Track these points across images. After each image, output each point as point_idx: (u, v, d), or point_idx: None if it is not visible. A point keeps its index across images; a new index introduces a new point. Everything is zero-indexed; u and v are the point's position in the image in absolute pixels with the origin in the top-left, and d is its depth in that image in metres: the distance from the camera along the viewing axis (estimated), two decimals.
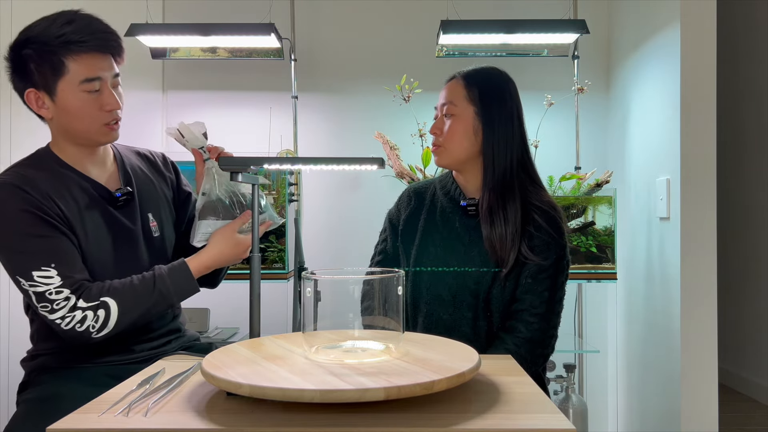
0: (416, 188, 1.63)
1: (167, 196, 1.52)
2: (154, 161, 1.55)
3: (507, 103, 1.49)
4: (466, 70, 1.52)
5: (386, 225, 1.64)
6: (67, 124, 1.33)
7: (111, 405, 0.89)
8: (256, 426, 0.81)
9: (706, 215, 1.92)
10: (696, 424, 1.91)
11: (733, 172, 3.55)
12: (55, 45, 1.26)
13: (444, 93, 1.52)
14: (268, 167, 1.17)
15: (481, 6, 2.54)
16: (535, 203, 1.47)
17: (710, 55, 1.93)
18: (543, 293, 1.44)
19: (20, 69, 1.30)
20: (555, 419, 0.83)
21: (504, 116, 1.48)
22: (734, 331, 3.50)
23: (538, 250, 1.44)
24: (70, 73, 1.28)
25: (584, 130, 2.47)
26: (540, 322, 1.43)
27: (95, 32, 1.29)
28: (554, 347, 1.48)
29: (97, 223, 1.35)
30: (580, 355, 2.35)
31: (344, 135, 2.61)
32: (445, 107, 1.50)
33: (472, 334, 1.47)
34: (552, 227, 1.45)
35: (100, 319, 1.24)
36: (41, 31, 1.28)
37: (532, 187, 1.50)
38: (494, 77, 1.52)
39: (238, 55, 2.46)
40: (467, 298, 1.47)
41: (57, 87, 1.29)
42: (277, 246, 2.14)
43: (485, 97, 1.48)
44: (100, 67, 1.30)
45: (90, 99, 1.30)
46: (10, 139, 2.46)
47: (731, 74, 3.55)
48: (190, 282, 1.35)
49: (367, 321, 1.05)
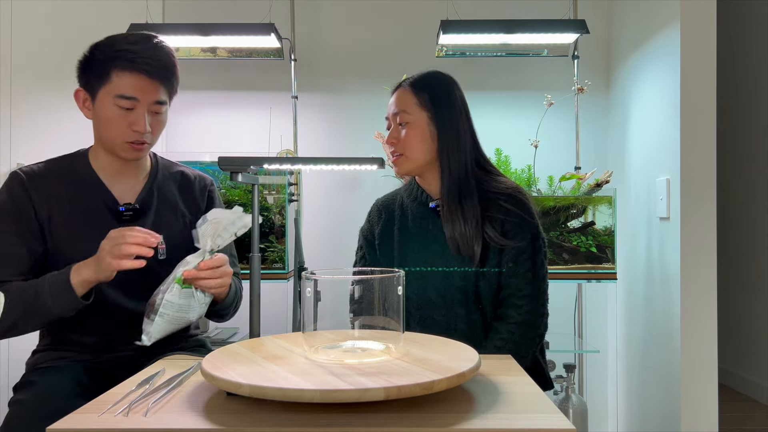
0: (383, 201, 1.67)
1: (187, 223, 1.51)
2: (192, 186, 1.54)
3: (456, 104, 1.53)
4: (414, 78, 1.55)
5: (362, 242, 1.66)
6: (99, 129, 1.40)
7: (111, 405, 0.89)
8: (256, 426, 0.81)
9: (706, 215, 1.92)
10: (696, 424, 1.91)
11: (733, 172, 3.55)
12: (111, 56, 1.34)
13: (393, 102, 1.55)
14: (268, 167, 1.17)
15: (481, 6, 2.54)
16: (497, 191, 1.50)
17: (710, 55, 1.93)
18: (526, 274, 1.46)
19: (83, 67, 1.39)
20: (555, 419, 0.83)
21: (455, 117, 1.51)
22: (734, 331, 3.50)
23: (512, 234, 1.47)
24: (111, 84, 1.34)
25: (584, 130, 2.47)
26: (529, 304, 1.45)
27: (151, 57, 1.35)
28: (547, 325, 1.50)
29: (93, 233, 1.35)
30: (580, 355, 2.35)
31: (344, 135, 2.61)
32: (398, 116, 1.53)
33: (468, 329, 1.48)
34: (520, 209, 1.48)
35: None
36: (112, 42, 1.36)
37: (487, 177, 1.53)
38: (441, 80, 1.55)
39: (238, 55, 2.46)
40: (456, 296, 1.49)
41: (98, 93, 1.36)
42: (277, 246, 2.14)
43: (436, 101, 1.51)
44: (140, 88, 1.35)
45: (121, 113, 1.36)
46: (10, 140, 2.46)
47: (731, 74, 3.55)
48: (66, 287, 1.25)
49: (365, 321, 1.05)
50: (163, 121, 1.42)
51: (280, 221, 2.14)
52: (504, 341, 1.42)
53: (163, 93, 1.39)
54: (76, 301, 1.26)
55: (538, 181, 2.20)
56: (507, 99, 2.60)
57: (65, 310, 1.27)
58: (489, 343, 1.44)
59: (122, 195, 1.43)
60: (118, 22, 2.29)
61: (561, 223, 2.11)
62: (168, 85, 1.39)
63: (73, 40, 2.50)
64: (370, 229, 1.65)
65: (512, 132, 2.52)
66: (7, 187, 1.38)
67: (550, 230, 2.10)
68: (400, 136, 1.52)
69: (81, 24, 2.50)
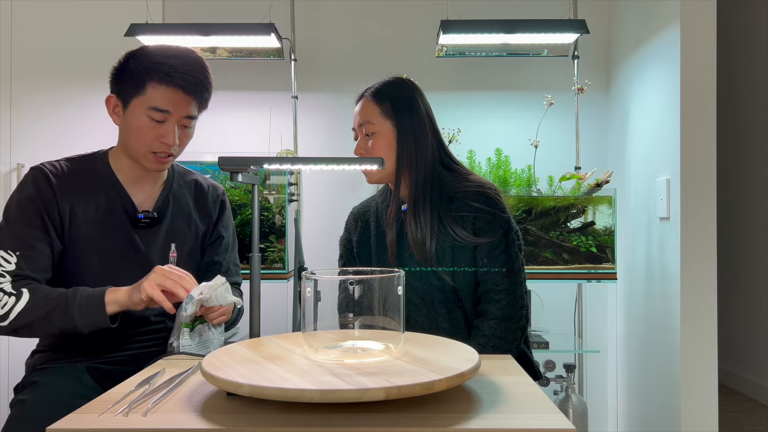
0: (359, 210, 1.69)
1: (199, 233, 1.53)
2: (205, 195, 1.56)
3: (420, 110, 1.54)
4: (375, 87, 1.57)
5: (342, 251, 1.68)
6: (126, 137, 1.40)
7: (111, 405, 0.89)
8: (256, 426, 0.81)
9: (706, 215, 1.92)
10: (696, 424, 1.91)
11: (733, 172, 3.55)
12: (147, 67, 1.35)
13: (357, 113, 1.57)
14: (268, 167, 1.17)
15: (481, 6, 2.54)
16: (464, 189, 1.51)
17: (710, 55, 1.93)
18: (502, 269, 1.47)
19: (117, 74, 1.39)
20: (555, 419, 0.83)
21: (417, 122, 1.53)
22: (734, 331, 3.50)
23: (484, 231, 1.48)
24: (146, 95, 1.35)
25: (584, 130, 2.47)
26: (507, 298, 1.45)
27: (188, 73, 1.36)
28: (528, 318, 1.51)
29: (110, 238, 1.39)
30: (580, 355, 2.35)
31: (344, 135, 2.61)
32: (364, 127, 1.54)
33: (451, 328, 1.50)
34: (489, 205, 1.49)
35: (8, 306, 1.26)
36: (149, 53, 1.37)
37: (454, 177, 1.54)
38: (401, 87, 1.57)
39: (238, 55, 2.46)
40: (436, 296, 1.50)
41: (131, 102, 1.37)
42: (277, 246, 2.14)
43: (398, 109, 1.53)
44: (174, 102, 1.36)
45: (151, 125, 1.36)
46: (10, 140, 2.46)
47: (731, 74, 3.55)
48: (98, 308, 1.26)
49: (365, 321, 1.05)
50: (190, 134, 1.44)
51: (280, 221, 2.14)
52: (487, 338, 1.43)
53: (195, 108, 1.40)
54: (104, 320, 1.26)
55: (538, 181, 2.20)
56: (507, 99, 2.60)
57: (88, 325, 1.26)
58: (472, 341, 1.44)
59: (140, 200, 1.44)
60: (118, 22, 2.30)
61: (561, 223, 2.11)
62: (201, 100, 1.40)
63: (73, 40, 2.52)
64: (348, 237, 1.67)
65: (512, 132, 2.52)
66: (33, 182, 1.36)
67: (550, 230, 2.10)
68: (368, 146, 1.54)
69: (81, 24, 2.51)
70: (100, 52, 1.38)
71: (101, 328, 1.26)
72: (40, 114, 2.49)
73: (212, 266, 1.55)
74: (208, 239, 1.55)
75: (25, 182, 1.37)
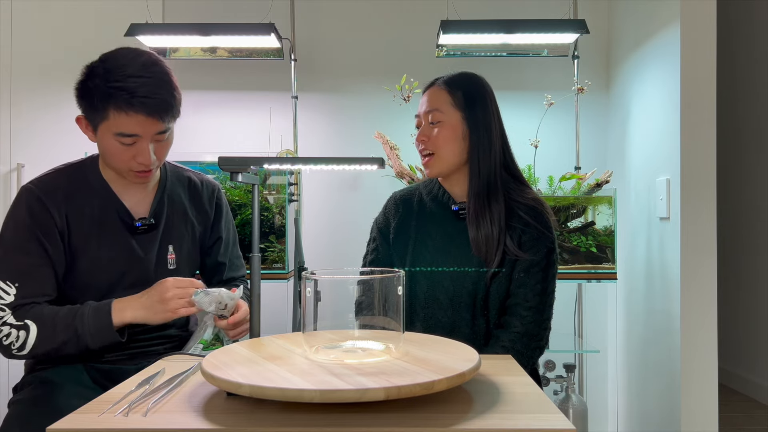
0: (402, 195, 1.63)
1: (196, 232, 1.51)
2: (200, 193, 1.53)
3: (489, 106, 1.51)
4: (447, 76, 1.54)
5: (375, 234, 1.63)
6: (103, 156, 1.38)
7: (111, 405, 0.89)
8: (256, 426, 0.81)
9: (706, 215, 1.92)
10: (696, 424, 1.91)
11: (733, 172, 3.55)
12: (106, 93, 1.26)
13: (426, 100, 1.53)
14: (268, 167, 1.17)
15: (481, 6, 2.54)
16: (520, 201, 1.49)
17: (710, 55, 1.93)
18: (536, 286, 1.45)
19: (80, 95, 1.33)
20: (555, 419, 0.83)
21: (488, 119, 1.50)
22: (734, 331, 3.50)
23: (528, 246, 1.46)
24: (110, 121, 1.28)
25: (584, 130, 2.47)
26: (534, 315, 1.44)
27: (149, 95, 1.27)
28: (548, 340, 1.49)
29: (109, 246, 1.37)
30: (580, 355, 2.35)
31: (344, 135, 2.61)
32: (431, 114, 1.50)
33: (471, 333, 1.48)
34: (539, 222, 1.47)
35: (20, 340, 1.27)
36: (107, 71, 1.28)
37: (515, 184, 1.52)
38: (475, 81, 1.54)
39: (238, 55, 2.46)
40: (465, 299, 1.48)
41: (99, 126, 1.31)
42: (277, 246, 2.14)
43: (470, 101, 1.50)
44: (141, 124, 1.29)
45: (122, 148, 1.31)
46: (10, 140, 2.46)
47: (731, 74, 3.55)
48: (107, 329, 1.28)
49: (365, 321, 1.05)
50: (168, 143, 1.37)
51: (280, 221, 2.14)
52: (505, 349, 1.41)
53: (166, 122, 1.32)
54: (116, 338, 1.29)
55: (538, 181, 2.20)
56: (507, 99, 2.59)
57: (103, 347, 1.30)
58: (489, 349, 1.43)
59: (134, 206, 1.42)
60: (118, 22, 2.30)
61: (561, 223, 2.11)
62: (169, 117, 1.32)
63: (73, 40, 2.51)
64: (385, 221, 1.61)
65: (512, 132, 2.48)
66: (25, 205, 1.33)
67: None
68: (432, 134, 1.50)
69: (81, 24, 2.50)
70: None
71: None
72: (40, 114, 2.49)
73: (218, 267, 1.56)
74: (208, 241, 1.54)
75: (18, 206, 1.34)
